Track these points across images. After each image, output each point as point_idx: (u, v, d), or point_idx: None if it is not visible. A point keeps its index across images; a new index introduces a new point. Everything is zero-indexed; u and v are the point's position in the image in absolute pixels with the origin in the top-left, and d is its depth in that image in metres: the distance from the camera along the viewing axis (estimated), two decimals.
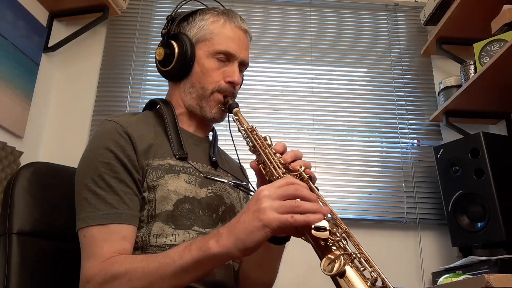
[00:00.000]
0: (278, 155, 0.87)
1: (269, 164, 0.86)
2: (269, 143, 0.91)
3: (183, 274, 0.75)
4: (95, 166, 0.88)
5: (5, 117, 1.81)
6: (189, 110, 1.07)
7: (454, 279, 1.51)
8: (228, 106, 1.03)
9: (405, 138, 2.24)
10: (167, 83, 2.41)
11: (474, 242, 1.73)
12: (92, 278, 0.80)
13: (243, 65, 1.09)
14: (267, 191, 0.73)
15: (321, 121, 2.24)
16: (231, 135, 1.09)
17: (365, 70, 2.41)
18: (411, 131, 2.25)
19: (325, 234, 0.70)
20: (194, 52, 1.04)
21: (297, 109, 2.26)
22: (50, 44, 2.17)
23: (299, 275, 1.94)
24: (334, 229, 0.73)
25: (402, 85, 2.33)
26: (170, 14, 1.10)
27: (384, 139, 2.27)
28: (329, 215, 0.75)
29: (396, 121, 2.27)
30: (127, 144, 0.91)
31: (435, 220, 2.08)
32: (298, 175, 0.82)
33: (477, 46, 1.86)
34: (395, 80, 2.34)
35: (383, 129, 2.28)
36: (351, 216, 2.07)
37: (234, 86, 1.05)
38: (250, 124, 0.97)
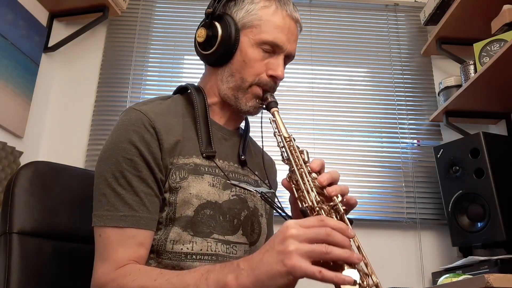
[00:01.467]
0: (314, 175, 0.81)
1: (302, 185, 0.79)
2: (306, 159, 0.85)
3: None
4: (117, 160, 0.84)
5: (5, 117, 1.81)
6: (223, 100, 1.00)
7: (454, 279, 1.50)
8: (266, 103, 0.97)
9: (405, 138, 2.24)
10: (167, 84, 2.42)
11: (474, 242, 1.73)
12: (104, 285, 0.79)
13: (288, 58, 1.01)
14: (295, 230, 0.66)
15: (321, 121, 2.24)
16: (261, 132, 1.03)
17: (365, 70, 2.41)
18: (411, 131, 2.25)
19: None
20: (238, 38, 0.96)
21: (297, 109, 2.26)
22: (50, 44, 2.17)
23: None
24: (365, 282, 0.66)
25: (402, 85, 2.33)
26: None
27: (384, 139, 2.27)
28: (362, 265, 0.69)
29: (396, 121, 2.27)
30: (152, 140, 0.86)
31: (435, 220, 2.08)
32: (333, 207, 0.76)
33: (477, 46, 1.86)
34: (395, 80, 2.34)
35: (383, 129, 2.28)
36: (351, 216, 2.04)
37: (275, 81, 0.99)
38: (289, 133, 0.91)
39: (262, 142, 1.09)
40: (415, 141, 2.24)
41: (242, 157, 1.02)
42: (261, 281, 0.66)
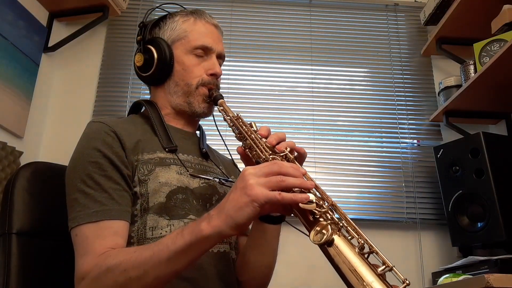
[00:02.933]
0: (263, 139, 0.89)
1: (255, 147, 0.88)
2: (255, 129, 0.93)
3: (177, 258, 0.75)
4: (84, 166, 0.89)
5: (5, 117, 1.81)
6: (176, 110, 1.08)
7: (454, 279, 1.51)
8: (213, 98, 1.05)
9: (405, 138, 2.24)
10: None
11: (474, 242, 1.73)
12: (87, 273, 0.80)
13: (220, 58, 1.12)
14: (252, 169, 0.74)
15: (321, 121, 2.24)
16: (216, 125, 1.12)
17: (365, 70, 2.41)
18: (411, 131, 2.25)
19: (312, 206, 0.72)
20: (172, 52, 1.06)
21: (297, 109, 2.26)
22: (50, 44, 2.16)
23: (299, 275, 1.94)
24: (321, 202, 0.74)
25: (402, 85, 2.33)
26: (141, 21, 1.14)
27: (384, 139, 2.27)
28: (315, 191, 0.76)
29: (396, 121, 2.27)
30: (114, 142, 0.92)
31: (435, 220, 2.08)
32: (284, 156, 0.85)
33: (477, 46, 1.86)
34: (395, 80, 2.34)
35: (383, 129, 2.28)
36: (351, 216, 2.03)
37: (216, 78, 1.08)
38: (235, 113, 0.99)
39: (224, 141, 1.16)
40: (415, 141, 2.24)
41: (203, 149, 1.09)
42: (230, 216, 0.72)
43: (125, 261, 0.78)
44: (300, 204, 0.72)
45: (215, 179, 1.01)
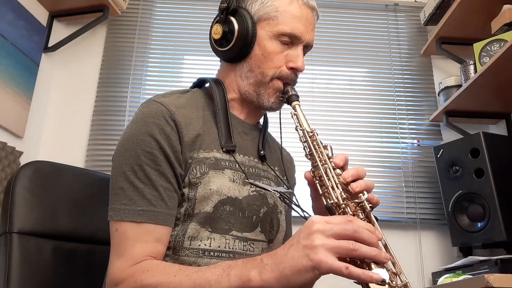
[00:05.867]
0: (338, 170, 0.80)
1: (327, 181, 0.78)
2: (330, 154, 0.83)
3: None
4: (136, 153, 0.82)
5: (5, 117, 1.81)
6: (243, 97, 0.98)
7: (454, 279, 1.50)
8: (287, 97, 0.94)
9: (405, 138, 2.24)
10: (167, 84, 2.41)
11: (474, 242, 1.73)
12: (121, 282, 0.77)
13: (307, 48, 0.99)
14: (322, 226, 0.64)
15: (321, 121, 2.24)
16: (280, 128, 1.05)
17: (365, 70, 2.41)
18: (411, 131, 2.25)
19: None
20: (255, 32, 0.93)
21: None
22: (50, 44, 2.17)
23: None
24: (394, 282, 0.65)
25: (402, 85, 2.33)
26: None
27: (384, 139, 2.27)
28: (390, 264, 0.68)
29: (396, 121, 2.27)
30: (172, 133, 0.84)
31: (435, 220, 2.08)
32: (358, 204, 0.75)
33: (477, 46, 1.86)
34: (395, 80, 2.34)
35: (383, 129, 2.27)
36: None
37: (296, 73, 0.97)
38: (311, 127, 0.89)
39: (281, 138, 1.09)
40: (415, 141, 2.24)
41: (262, 152, 1.00)
42: (285, 276, 0.64)
43: (162, 285, 0.73)
44: (370, 285, 0.62)
45: (275, 191, 0.88)
